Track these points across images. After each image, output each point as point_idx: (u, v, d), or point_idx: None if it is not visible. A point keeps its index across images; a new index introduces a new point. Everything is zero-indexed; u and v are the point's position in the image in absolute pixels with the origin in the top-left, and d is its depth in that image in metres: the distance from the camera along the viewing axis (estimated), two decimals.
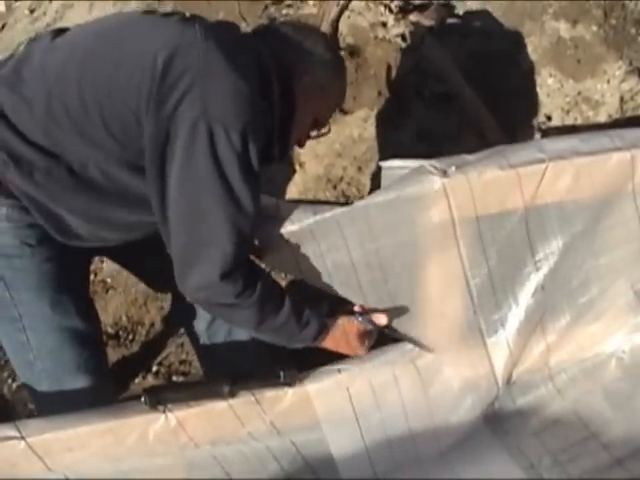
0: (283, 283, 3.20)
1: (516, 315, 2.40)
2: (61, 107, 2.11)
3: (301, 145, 2.40)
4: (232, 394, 2.17)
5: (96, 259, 3.83)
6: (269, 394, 2.21)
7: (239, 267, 2.10)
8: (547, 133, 3.25)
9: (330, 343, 2.33)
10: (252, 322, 2.21)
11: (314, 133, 2.39)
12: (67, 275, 2.30)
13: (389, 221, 2.24)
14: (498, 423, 2.43)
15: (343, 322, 2.33)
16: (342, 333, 2.33)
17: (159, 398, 2.14)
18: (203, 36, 2.07)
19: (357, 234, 2.27)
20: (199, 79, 2.00)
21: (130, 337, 3.47)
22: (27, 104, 2.13)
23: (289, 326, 2.23)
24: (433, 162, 2.24)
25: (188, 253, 2.10)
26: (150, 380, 3.22)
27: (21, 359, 2.37)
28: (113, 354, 3.40)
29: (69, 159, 2.15)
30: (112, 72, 2.09)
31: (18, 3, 6.83)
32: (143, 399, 2.12)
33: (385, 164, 2.36)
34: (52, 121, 2.12)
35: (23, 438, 2.01)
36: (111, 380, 2.60)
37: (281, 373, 2.22)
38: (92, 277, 3.73)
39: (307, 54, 2.26)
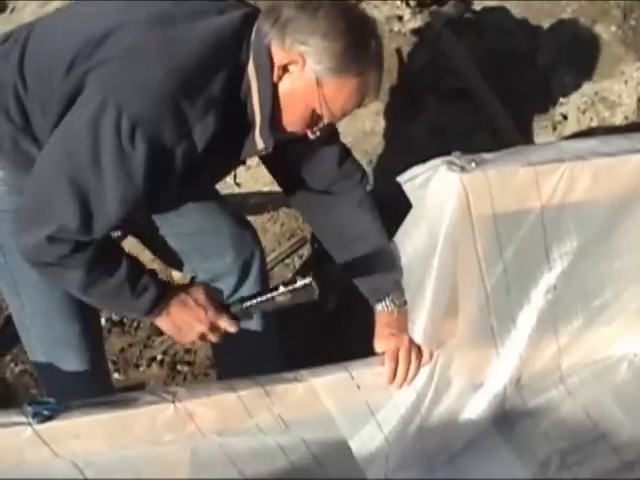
0: None
1: (528, 316, 2.37)
2: (30, 76, 2.12)
3: (303, 136, 2.19)
4: None
5: None
6: (279, 387, 2.19)
7: (71, 239, 2.03)
8: (562, 133, 3.24)
9: (165, 321, 2.24)
10: (77, 286, 2.12)
11: (316, 128, 2.15)
12: None
13: (406, 216, 2.23)
14: (508, 424, 2.41)
15: (186, 295, 2.24)
16: (179, 308, 2.23)
17: None
18: (156, 15, 2.05)
19: None
20: (121, 57, 1.97)
21: (135, 325, 3.46)
22: (9, 72, 2.14)
23: (121, 294, 2.14)
24: (452, 158, 2.21)
25: (31, 209, 2.07)
26: (155, 369, 3.21)
27: (19, 324, 2.45)
28: (118, 342, 3.39)
29: (33, 128, 2.14)
30: (65, 42, 2.07)
31: None
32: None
33: (402, 178, 2.26)
34: (22, 86, 2.12)
35: (30, 424, 2.00)
36: (106, 364, 2.65)
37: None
38: None
39: (300, 42, 2.00)
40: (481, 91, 3.27)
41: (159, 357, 3.34)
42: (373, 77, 2.07)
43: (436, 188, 2.18)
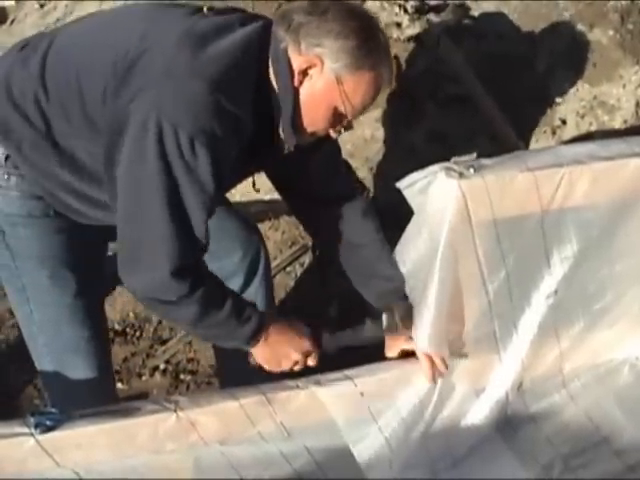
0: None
1: (530, 320, 2.38)
2: (52, 84, 2.17)
3: (326, 136, 2.26)
4: None
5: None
6: (281, 394, 2.19)
7: (187, 267, 2.10)
8: (561, 137, 3.24)
9: (264, 348, 2.29)
10: (192, 319, 2.18)
11: (339, 126, 2.23)
12: (71, 252, 2.33)
13: (406, 223, 2.24)
14: (511, 429, 2.41)
15: (284, 324, 2.31)
16: (279, 337, 2.29)
17: None
18: (183, 34, 2.08)
19: None
20: (159, 78, 2.02)
21: (137, 334, 3.47)
22: (29, 79, 2.19)
23: (228, 325, 2.20)
24: (451, 164, 2.22)
25: (134, 250, 2.11)
26: (158, 378, 3.21)
27: (27, 331, 2.47)
28: (120, 351, 3.39)
29: (54, 133, 2.18)
30: (93, 56, 2.15)
31: None
32: None
33: (402, 184, 2.27)
34: (43, 93, 2.17)
35: (32, 435, 2.00)
36: (112, 372, 2.66)
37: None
38: None
39: (315, 44, 2.08)
40: (480, 97, 3.27)
41: (162, 366, 3.34)
42: (386, 68, 2.16)
43: (435, 194, 2.20)
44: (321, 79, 2.11)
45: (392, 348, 2.39)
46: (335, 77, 2.10)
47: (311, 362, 2.34)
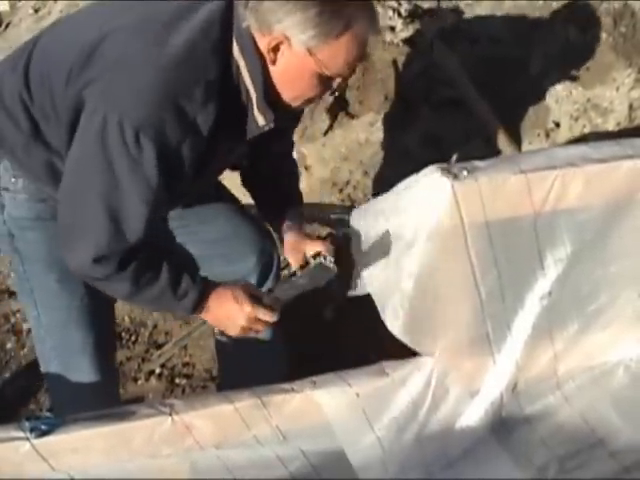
0: None
1: (524, 322, 2.38)
2: (33, 84, 2.17)
3: (311, 101, 2.23)
4: None
5: None
6: (276, 398, 2.19)
7: (112, 254, 2.11)
8: (555, 140, 3.24)
9: (208, 317, 2.32)
10: (124, 295, 2.25)
11: (330, 88, 2.16)
12: None
13: (399, 225, 2.23)
14: (505, 431, 2.41)
15: (224, 292, 2.28)
16: (219, 307, 2.28)
17: None
18: (141, 21, 2.08)
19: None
20: (112, 70, 2.01)
21: (133, 339, 3.47)
22: (16, 82, 2.19)
23: (164, 299, 2.22)
24: (444, 166, 2.22)
25: (67, 231, 2.15)
26: (153, 382, 3.21)
27: (35, 334, 2.52)
28: (116, 355, 3.39)
29: (44, 135, 2.19)
30: (62, 52, 2.13)
31: (22, 2, 6.83)
32: None
33: (397, 187, 2.29)
34: (27, 94, 2.17)
35: (27, 439, 2.00)
36: (117, 375, 2.71)
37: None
38: None
39: (275, 21, 2.00)
40: (474, 100, 3.27)
41: (157, 370, 3.35)
42: (362, 22, 2.03)
43: (428, 196, 2.20)
44: (293, 54, 2.04)
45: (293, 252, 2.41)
46: (306, 49, 2.02)
47: (258, 329, 2.32)
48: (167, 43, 2.01)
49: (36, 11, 6.14)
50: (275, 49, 2.04)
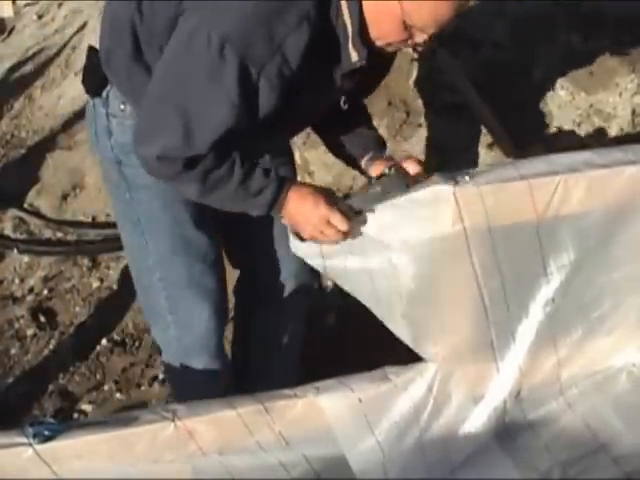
0: None
1: (527, 328, 2.38)
2: (146, 7, 2.22)
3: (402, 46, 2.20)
4: None
5: (102, 266, 3.85)
6: (278, 404, 2.19)
7: (178, 157, 2.13)
8: (558, 145, 3.24)
9: (286, 213, 2.27)
10: (195, 195, 2.24)
11: (413, 41, 2.13)
12: None
13: (401, 231, 2.23)
14: (508, 437, 2.40)
15: (302, 193, 2.25)
16: (296, 207, 2.25)
17: None
18: None
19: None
20: None
21: (136, 344, 3.47)
22: (128, 6, 2.24)
23: (238, 197, 2.22)
24: (445, 172, 2.23)
25: (142, 124, 2.20)
26: (157, 388, 3.21)
27: (142, 265, 2.52)
28: (119, 362, 3.41)
29: (145, 59, 2.26)
30: None
31: (27, 8, 6.87)
32: None
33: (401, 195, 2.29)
34: (139, 17, 2.23)
35: (30, 445, 2.00)
36: (227, 308, 2.68)
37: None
38: (98, 284, 3.74)
39: None
40: (477, 105, 3.27)
41: (161, 376, 3.34)
42: None
43: (430, 202, 2.20)
44: None
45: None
46: None
47: (334, 229, 2.24)
48: None
49: (40, 17, 6.17)
50: None
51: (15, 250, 4.02)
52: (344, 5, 2.06)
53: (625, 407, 2.47)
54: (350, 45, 2.11)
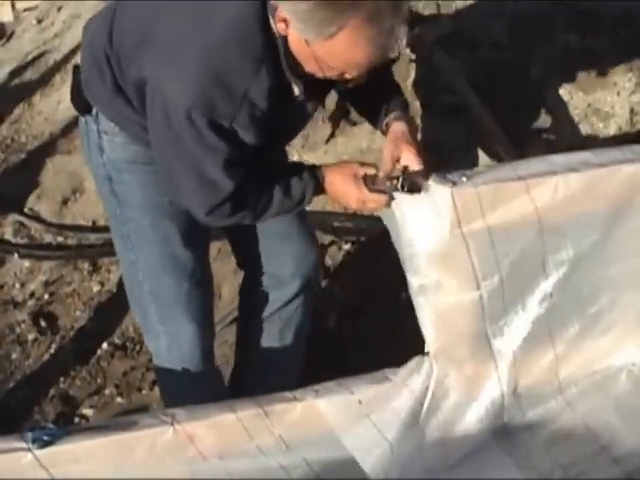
0: None
1: (524, 324, 2.37)
2: (115, 44, 2.26)
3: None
4: None
5: (102, 270, 3.85)
6: (278, 407, 2.19)
7: (219, 203, 2.22)
8: (556, 145, 3.24)
9: (330, 196, 2.41)
10: (252, 222, 2.40)
11: (344, 78, 2.07)
12: (172, 202, 2.38)
13: (400, 230, 2.26)
14: (507, 436, 2.40)
15: (336, 173, 2.33)
16: (334, 187, 2.33)
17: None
18: (186, 2, 2.12)
19: None
20: (164, 51, 2.09)
21: (137, 348, 3.47)
22: (104, 36, 2.29)
23: (287, 207, 2.33)
24: (442, 173, 2.23)
25: (174, 193, 2.31)
26: (157, 392, 3.20)
27: (133, 279, 2.59)
28: (120, 365, 3.41)
29: (124, 90, 2.28)
30: (131, 21, 2.25)
31: (26, 13, 6.86)
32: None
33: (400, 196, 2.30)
34: (111, 53, 2.27)
35: (30, 450, 2.00)
36: (213, 324, 2.74)
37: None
38: (99, 288, 3.74)
39: (281, 2, 1.94)
40: (475, 106, 3.27)
41: None
42: (368, 19, 1.86)
43: (428, 202, 2.22)
44: (294, 36, 1.99)
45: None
46: (304, 40, 1.95)
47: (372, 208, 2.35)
48: (212, 23, 2.05)
49: (39, 22, 6.17)
50: (285, 21, 1.98)
51: (16, 255, 4.03)
52: (279, 43, 2.06)
53: (626, 407, 2.47)
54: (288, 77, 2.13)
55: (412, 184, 2.21)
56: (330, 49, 1.93)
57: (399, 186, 2.21)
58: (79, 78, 2.41)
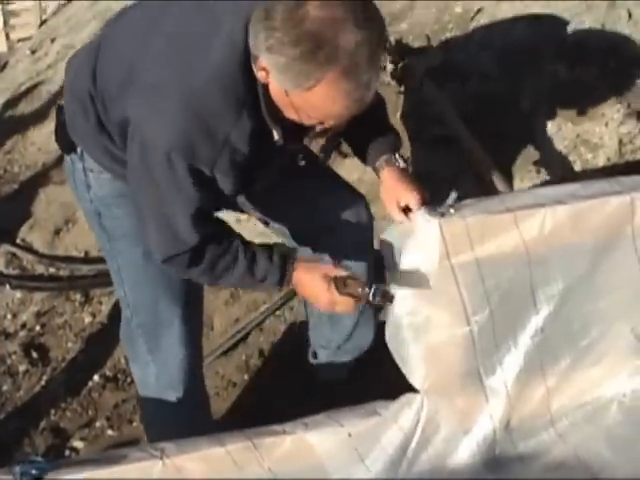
0: None
1: (516, 358, 2.39)
2: (98, 84, 2.30)
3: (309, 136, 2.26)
4: None
5: (94, 301, 3.84)
6: (267, 440, 2.19)
7: (176, 255, 2.25)
8: (546, 176, 3.25)
9: (298, 288, 2.38)
10: (205, 283, 2.50)
11: (322, 127, 2.11)
12: None
13: (393, 262, 2.28)
14: (498, 468, 2.40)
15: (304, 273, 2.32)
16: (301, 284, 2.33)
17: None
18: (175, 41, 2.14)
19: None
20: (146, 95, 2.12)
21: (128, 380, 3.46)
22: (87, 76, 2.31)
23: (246, 282, 2.36)
24: (431, 205, 2.25)
25: (144, 235, 2.31)
26: None
27: (123, 314, 2.63)
28: (111, 397, 3.39)
29: (108, 130, 2.31)
30: (113, 63, 2.27)
31: (20, 44, 6.91)
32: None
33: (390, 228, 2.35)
34: (95, 93, 2.30)
35: None
36: (201, 350, 2.76)
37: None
38: (90, 319, 3.74)
39: (261, 50, 1.95)
40: (464, 137, 3.28)
41: None
42: (345, 73, 1.90)
43: (417, 234, 2.25)
44: (274, 85, 2.02)
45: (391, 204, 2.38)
46: (283, 90, 1.99)
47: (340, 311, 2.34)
48: (196, 68, 2.07)
49: (33, 52, 6.20)
50: (265, 70, 2.00)
51: (7, 286, 4.02)
52: (260, 91, 2.08)
53: (617, 439, 2.47)
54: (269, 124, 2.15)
55: (384, 295, 2.25)
56: (308, 100, 1.97)
57: (370, 296, 2.24)
58: (63, 118, 2.43)
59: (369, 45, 1.90)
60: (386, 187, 2.39)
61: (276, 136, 2.16)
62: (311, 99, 1.96)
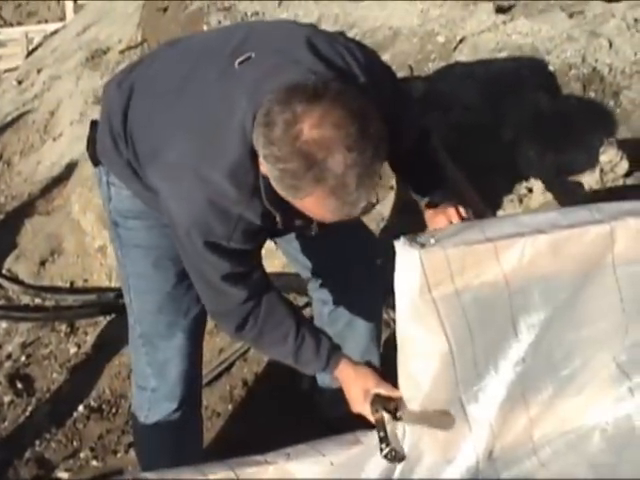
0: None
1: (498, 388, 2.38)
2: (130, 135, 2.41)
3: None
4: None
5: (80, 331, 3.84)
6: (249, 470, 2.19)
7: (226, 313, 2.38)
8: (528, 205, 3.27)
9: (337, 380, 2.48)
10: (252, 345, 2.78)
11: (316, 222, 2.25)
12: (174, 245, 2.41)
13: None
14: None
15: (347, 372, 2.42)
16: (341, 381, 2.44)
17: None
18: (198, 125, 2.21)
19: None
20: (169, 175, 2.22)
21: (113, 410, 3.46)
22: (119, 120, 2.41)
23: (287, 361, 2.44)
24: (411, 236, 2.25)
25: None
26: (132, 455, 3.19)
27: (129, 322, 2.70)
28: (96, 428, 3.39)
29: (133, 165, 2.41)
30: (144, 125, 2.38)
31: (6, 74, 6.93)
32: None
33: None
34: (125, 138, 2.41)
35: None
36: (201, 361, 2.82)
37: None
38: (75, 350, 3.74)
39: (266, 158, 2.01)
40: (447, 167, 3.30)
41: None
42: (332, 193, 1.96)
43: (397, 265, 2.23)
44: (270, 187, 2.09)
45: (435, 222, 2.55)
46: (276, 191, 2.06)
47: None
48: (214, 155, 2.15)
49: (19, 83, 6.22)
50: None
51: None
52: (261, 179, 2.14)
53: (600, 467, 2.46)
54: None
55: (395, 454, 2.28)
56: (301, 205, 2.05)
57: (381, 449, 2.27)
58: (95, 136, 2.52)
59: (359, 167, 1.94)
60: (427, 217, 2.61)
61: (278, 219, 2.22)
62: (303, 205, 2.04)
